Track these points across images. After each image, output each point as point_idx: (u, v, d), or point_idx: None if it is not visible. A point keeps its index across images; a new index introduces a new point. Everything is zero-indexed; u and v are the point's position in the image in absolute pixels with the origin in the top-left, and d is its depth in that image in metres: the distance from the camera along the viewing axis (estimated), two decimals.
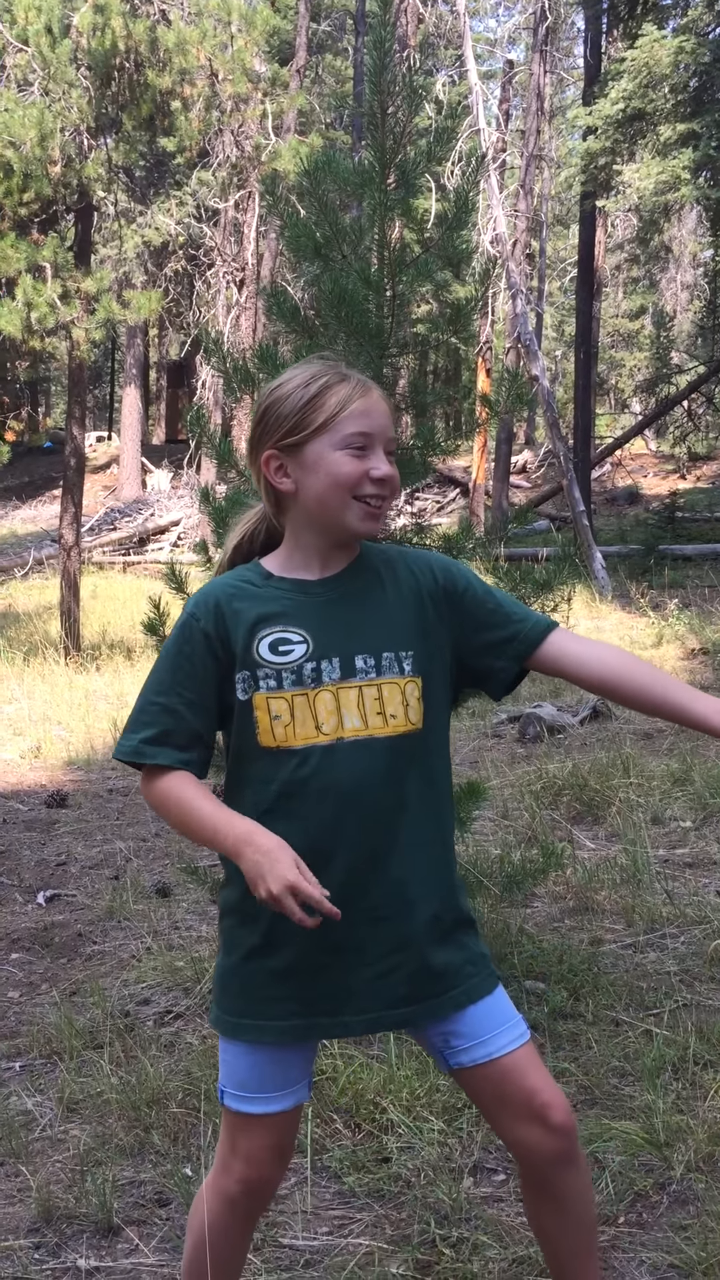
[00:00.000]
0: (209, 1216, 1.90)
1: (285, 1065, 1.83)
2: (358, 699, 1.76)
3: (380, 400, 1.80)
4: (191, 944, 4.15)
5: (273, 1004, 1.78)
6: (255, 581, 1.82)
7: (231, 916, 1.82)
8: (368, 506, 1.77)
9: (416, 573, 1.86)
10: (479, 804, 3.75)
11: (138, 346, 31.21)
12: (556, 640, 1.84)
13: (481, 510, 21.81)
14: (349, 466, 1.76)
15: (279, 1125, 1.85)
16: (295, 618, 1.77)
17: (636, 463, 29.01)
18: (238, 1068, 1.83)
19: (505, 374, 3.64)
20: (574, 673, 1.85)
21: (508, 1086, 1.78)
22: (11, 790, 6.79)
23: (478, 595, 1.88)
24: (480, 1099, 1.83)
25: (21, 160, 10.43)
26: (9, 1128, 2.96)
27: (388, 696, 1.77)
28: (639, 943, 4.00)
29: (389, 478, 1.78)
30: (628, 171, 16.38)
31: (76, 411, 12.86)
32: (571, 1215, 1.84)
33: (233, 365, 3.51)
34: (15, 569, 21.54)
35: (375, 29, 3.30)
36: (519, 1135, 1.79)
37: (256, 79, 12.39)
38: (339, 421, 1.76)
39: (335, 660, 1.76)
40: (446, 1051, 1.82)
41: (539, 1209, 1.87)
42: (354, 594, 1.82)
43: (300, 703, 1.74)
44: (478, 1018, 1.80)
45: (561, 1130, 1.77)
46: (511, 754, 7.06)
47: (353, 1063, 3.08)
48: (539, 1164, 1.79)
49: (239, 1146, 1.85)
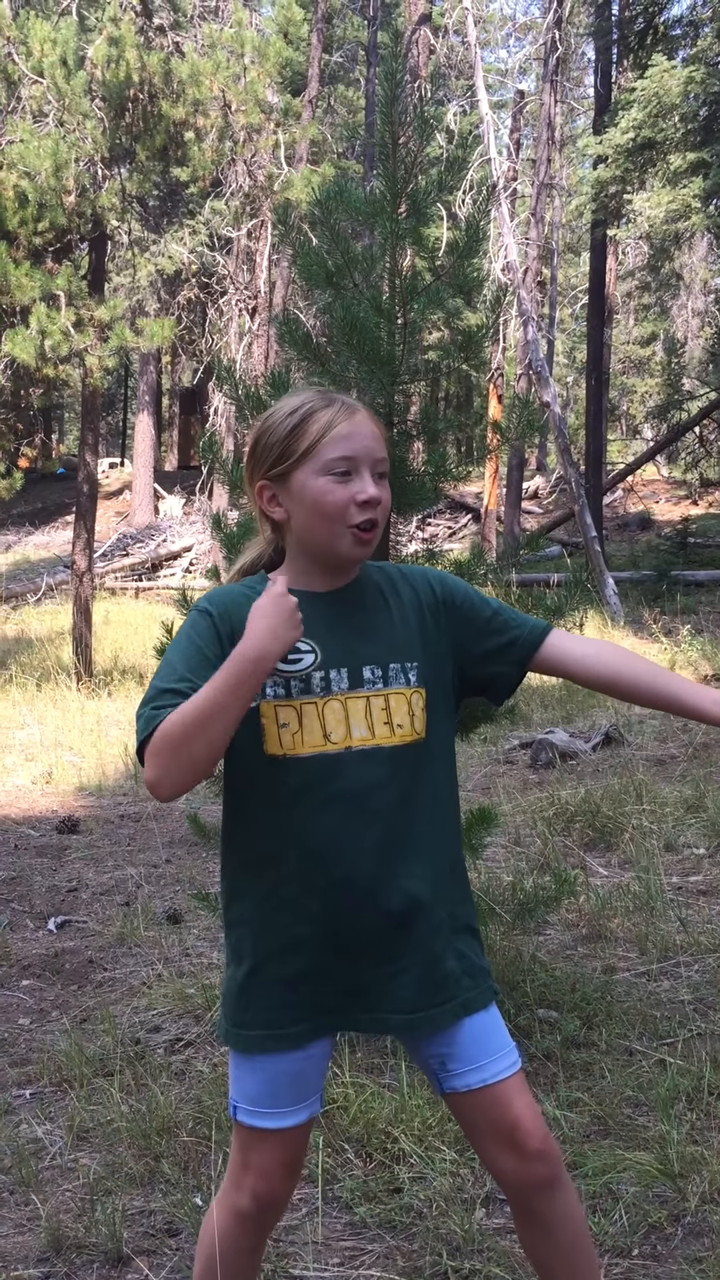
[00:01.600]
0: (219, 1232, 1.90)
1: (297, 1078, 1.83)
2: (365, 709, 1.78)
3: (366, 422, 1.79)
4: (202, 971, 4.14)
5: (283, 1010, 1.78)
6: (261, 590, 1.82)
7: (239, 928, 1.82)
8: (358, 532, 1.78)
9: (416, 587, 1.89)
10: (491, 830, 3.74)
11: (151, 374, 31.40)
12: (555, 641, 1.88)
13: (493, 536, 21.83)
14: (333, 495, 1.76)
15: (291, 1140, 1.86)
16: (303, 627, 1.78)
17: (648, 488, 29.01)
18: (250, 1082, 1.83)
19: (516, 400, 3.65)
20: (575, 671, 1.88)
21: (494, 1113, 1.79)
22: (23, 816, 6.79)
23: (475, 605, 1.91)
24: (467, 1124, 1.85)
25: (36, 190, 10.53)
26: (19, 1156, 2.94)
27: (395, 706, 1.79)
28: (652, 971, 3.97)
29: (374, 499, 1.77)
30: (638, 200, 16.47)
31: (89, 438, 12.92)
32: (561, 1239, 1.84)
33: (245, 392, 3.53)
34: (28, 595, 21.61)
35: (386, 60, 3.33)
36: (501, 1164, 1.80)
37: (269, 109, 12.50)
38: (320, 447, 1.77)
39: (344, 670, 1.78)
40: (441, 1074, 1.83)
41: (528, 1236, 1.88)
42: (359, 607, 1.84)
43: (309, 711, 1.75)
44: (473, 1038, 1.81)
45: (539, 1156, 1.78)
46: (524, 780, 7.04)
47: (364, 1092, 3.06)
48: (521, 1190, 1.81)
49: (251, 1162, 1.86)
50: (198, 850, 5.80)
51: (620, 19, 18.02)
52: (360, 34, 33.07)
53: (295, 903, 1.76)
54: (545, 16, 22.06)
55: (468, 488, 25.54)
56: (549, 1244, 1.85)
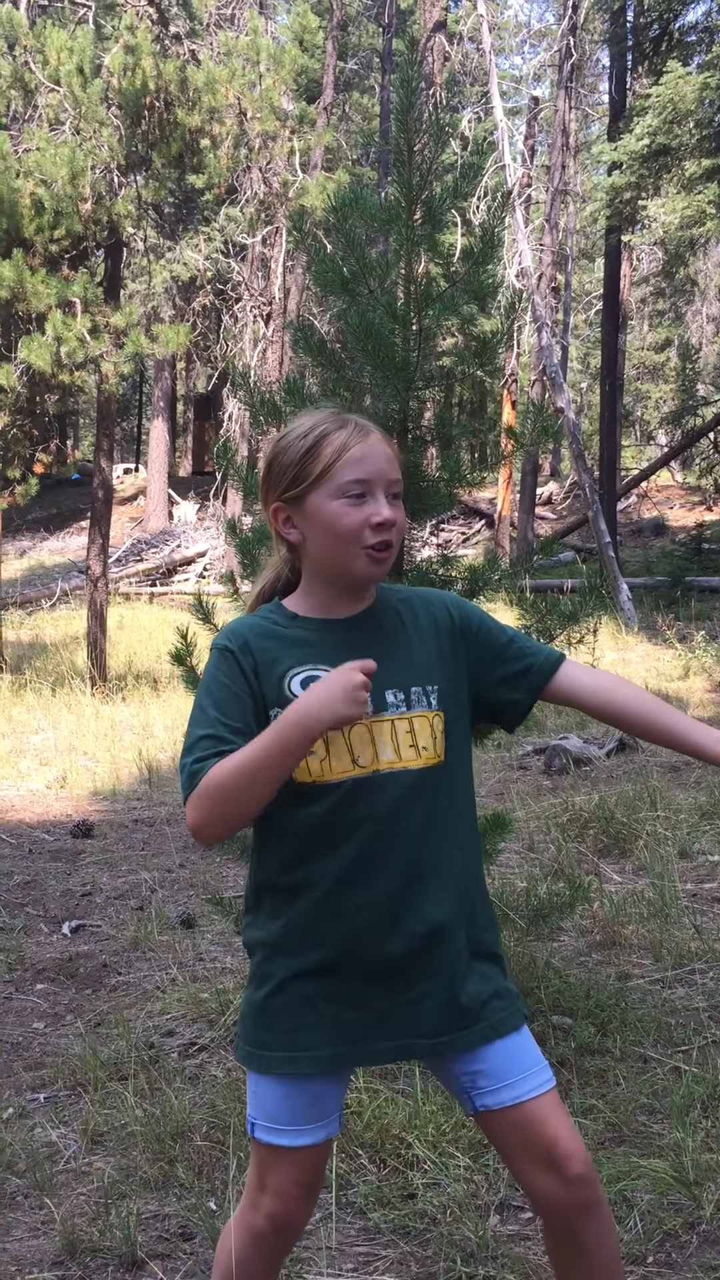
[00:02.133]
0: (236, 1253, 1.89)
1: (317, 1097, 1.83)
2: (390, 732, 1.78)
3: (379, 444, 1.80)
4: (216, 975, 4.14)
5: (303, 1034, 1.78)
6: (281, 621, 1.83)
7: (261, 950, 1.82)
8: (373, 553, 1.78)
9: (434, 611, 1.90)
10: (505, 836, 3.73)
11: (165, 380, 31.50)
12: (568, 672, 1.91)
13: (507, 542, 21.83)
14: (348, 518, 1.77)
15: (309, 1159, 1.85)
16: (324, 655, 1.79)
17: (662, 494, 28.97)
18: (268, 1100, 1.83)
19: (531, 406, 3.65)
20: (586, 702, 1.91)
21: (530, 1133, 1.77)
22: (38, 820, 6.81)
23: (491, 631, 1.93)
24: (501, 1143, 1.82)
25: (53, 198, 10.59)
26: (34, 1160, 2.95)
27: (419, 729, 1.80)
28: (667, 978, 3.96)
29: (389, 521, 1.77)
30: (653, 206, 16.47)
31: (104, 444, 12.97)
32: (596, 1263, 1.81)
33: (259, 398, 3.54)
34: (43, 600, 21.68)
35: (402, 68, 3.35)
36: (538, 1184, 1.77)
37: (284, 117, 12.54)
38: (335, 470, 1.77)
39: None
40: (474, 1092, 1.81)
41: (562, 1257, 1.85)
42: (377, 631, 1.85)
43: (335, 736, 1.75)
44: (505, 1056, 1.80)
45: (580, 1181, 1.75)
46: (537, 786, 7.03)
47: (378, 1097, 3.06)
48: (558, 1213, 1.78)
49: (268, 1181, 1.85)
50: (211, 855, 5.81)
51: (635, 25, 18.02)
52: (375, 41, 33.15)
53: (321, 926, 1.76)
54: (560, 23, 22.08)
55: (482, 493, 25.54)
56: (584, 1266, 1.82)
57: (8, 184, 10.39)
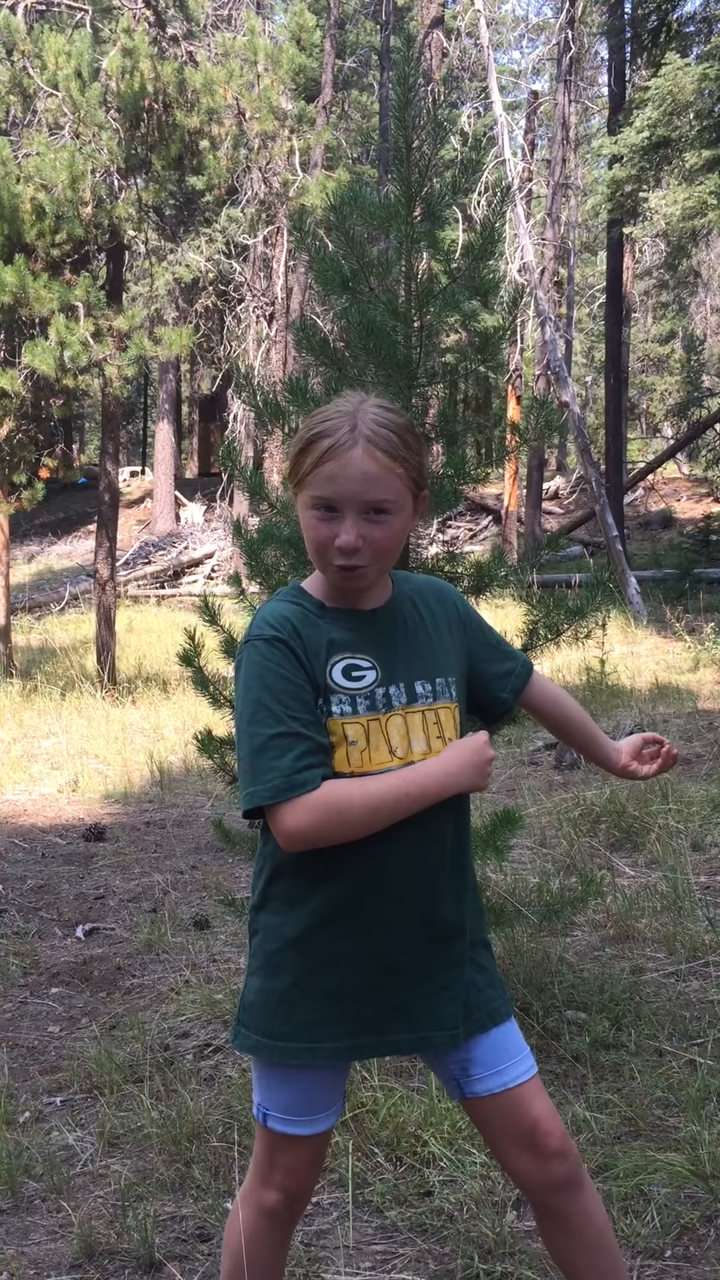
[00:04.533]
0: (247, 1230, 1.93)
1: (330, 1085, 1.86)
2: (422, 723, 1.80)
3: (361, 462, 1.71)
4: (230, 976, 4.14)
5: (322, 1026, 1.79)
6: (313, 609, 1.81)
7: (275, 938, 1.82)
8: (339, 570, 1.76)
9: (444, 603, 1.92)
10: (516, 832, 3.73)
11: (170, 382, 31.51)
12: (537, 681, 2.03)
13: (514, 537, 21.79)
14: (315, 532, 1.75)
15: (322, 1141, 1.90)
16: (360, 645, 1.79)
17: (669, 487, 28.90)
18: (283, 1093, 1.84)
19: (535, 401, 3.64)
20: (545, 711, 2.05)
21: (514, 1116, 1.82)
22: (50, 824, 6.82)
23: (484, 629, 1.98)
24: (486, 1128, 1.86)
25: (53, 202, 10.60)
26: (50, 1163, 2.95)
27: (444, 720, 1.82)
28: (681, 971, 3.95)
29: (348, 547, 1.72)
30: (654, 198, 16.43)
31: (110, 447, 12.98)
32: (585, 1239, 1.85)
33: (264, 399, 3.54)
34: (52, 604, 21.71)
35: (399, 65, 3.34)
36: (520, 1165, 1.82)
37: (283, 116, 12.54)
38: (310, 479, 1.74)
39: (401, 685, 1.80)
40: (463, 1080, 1.84)
41: (552, 1238, 1.89)
42: (403, 623, 1.86)
43: (374, 727, 1.76)
44: (495, 1045, 1.84)
45: (558, 1155, 1.80)
46: (548, 781, 7.02)
47: (393, 1095, 3.06)
48: (541, 1191, 1.83)
49: (279, 1162, 1.88)
50: (223, 856, 5.81)
51: (633, 17, 17.98)
52: (373, 39, 33.12)
53: (346, 918, 1.76)
54: (558, 17, 22.04)
55: (488, 489, 25.53)
56: (573, 1245, 1.86)
57: (8, 189, 10.41)
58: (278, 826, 1.69)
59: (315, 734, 1.71)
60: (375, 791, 1.69)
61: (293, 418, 3.48)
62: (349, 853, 1.73)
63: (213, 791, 7.28)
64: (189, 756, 8.16)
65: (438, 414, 3.66)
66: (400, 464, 1.74)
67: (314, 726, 1.71)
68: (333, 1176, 2.82)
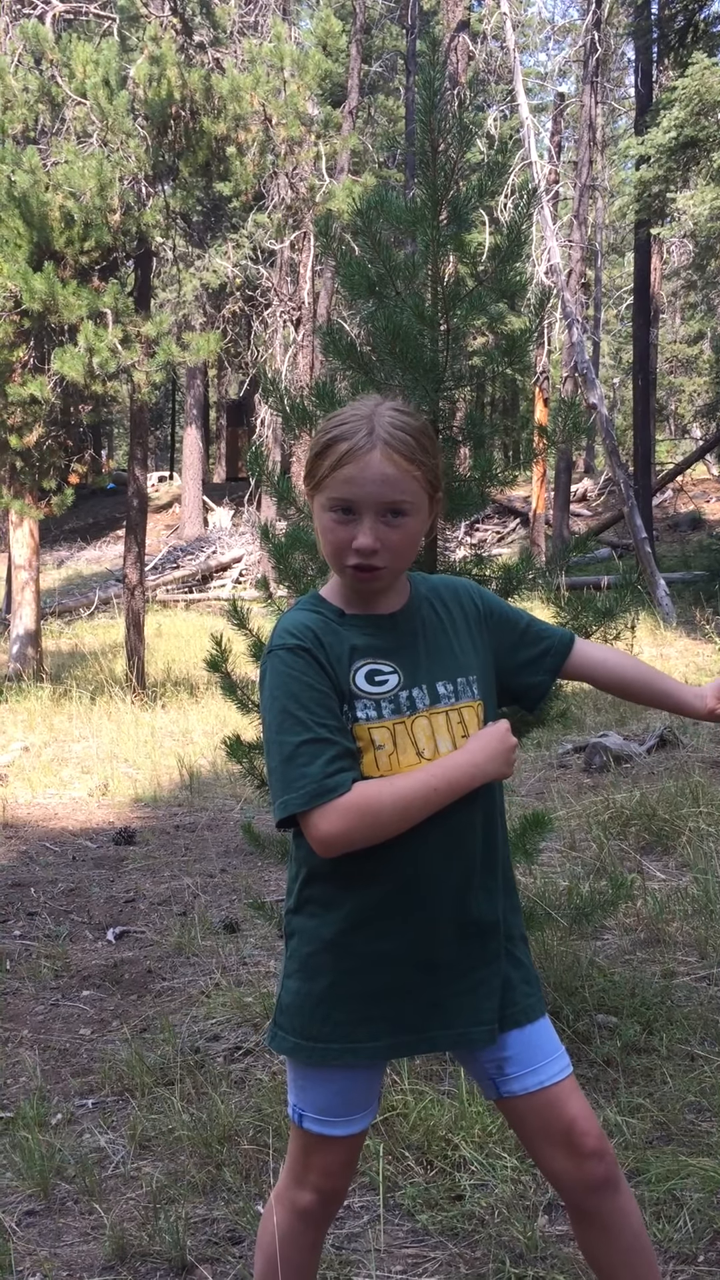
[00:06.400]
0: (280, 1231, 1.93)
1: (366, 1085, 1.87)
2: (446, 723, 1.80)
3: (380, 465, 1.72)
4: (260, 979, 4.15)
5: (361, 1026, 1.80)
6: (332, 617, 1.82)
7: (313, 941, 1.82)
8: (355, 572, 1.77)
9: (461, 601, 1.92)
10: (545, 835, 3.72)
11: (198, 387, 31.65)
12: (581, 649, 2.01)
13: (542, 539, 21.73)
14: (333, 534, 1.76)
15: (357, 1141, 1.91)
16: (382, 650, 1.80)
17: (698, 488, 28.74)
18: (319, 1094, 1.85)
19: (562, 403, 3.64)
20: (597, 675, 2.02)
21: (550, 1115, 1.81)
22: (80, 828, 6.85)
23: (510, 617, 1.97)
24: (522, 1128, 1.86)
25: (82, 210, 10.67)
26: (82, 1165, 2.97)
27: (468, 720, 1.82)
28: (713, 975, 3.93)
29: (366, 548, 1.73)
30: (682, 199, 16.36)
31: (138, 453, 13.05)
32: (620, 1241, 1.84)
33: (290, 403, 3.55)
34: (81, 609, 21.84)
35: (425, 68, 3.34)
36: (557, 1165, 1.82)
37: (309, 122, 12.58)
38: (328, 482, 1.75)
39: (423, 687, 1.80)
40: (499, 1079, 1.84)
41: (587, 1238, 1.88)
42: (421, 625, 1.86)
43: (400, 730, 1.77)
44: (531, 1042, 1.84)
45: (595, 1155, 1.80)
46: (578, 784, 6.99)
47: (424, 1099, 3.06)
48: (578, 1192, 1.82)
49: (314, 1163, 1.89)
50: (253, 859, 5.83)
51: (660, 18, 17.90)
52: (399, 43, 33.16)
53: (380, 920, 1.77)
54: (584, 18, 22.00)
55: (515, 492, 25.45)
56: (608, 1246, 1.85)
57: (37, 197, 10.49)
58: (312, 832, 1.70)
59: (343, 739, 1.72)
60: (404, 789, 1.70)
61: (319, 422, 3.49)
62: (380, 855, 1.73)
63: (242, 795, 7.29)
64: (218, 760, 8.18)
65: (465, 417, 3.66)
66: (417, 466, 1.75)
67: (341, 732, 1.72)
68: (364, 1180, 2.82)
